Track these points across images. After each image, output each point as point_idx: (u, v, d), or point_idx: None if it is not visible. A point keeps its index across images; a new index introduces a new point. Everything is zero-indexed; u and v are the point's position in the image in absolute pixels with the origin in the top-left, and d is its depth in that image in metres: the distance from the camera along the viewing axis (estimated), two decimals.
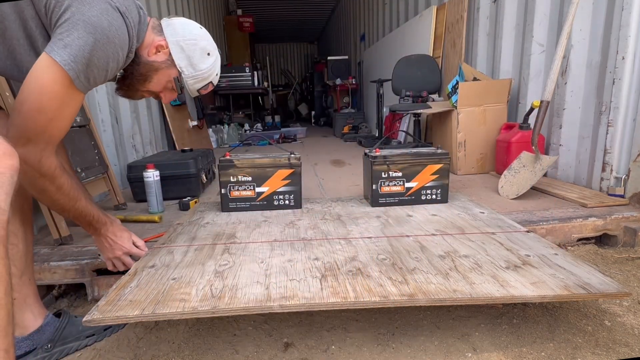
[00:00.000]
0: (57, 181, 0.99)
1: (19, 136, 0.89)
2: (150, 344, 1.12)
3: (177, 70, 1.12)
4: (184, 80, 1.14)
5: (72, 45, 0.86)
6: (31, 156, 0.92)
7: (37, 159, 0.93)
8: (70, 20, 0.86)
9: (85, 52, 0.87)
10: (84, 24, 0.86)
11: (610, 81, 1.93)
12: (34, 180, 0.96)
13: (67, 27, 0.86)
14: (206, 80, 1.18)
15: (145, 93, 1.16)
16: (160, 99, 1.18)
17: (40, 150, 0.93)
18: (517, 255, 1.19)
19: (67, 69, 0.86)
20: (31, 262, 1.10)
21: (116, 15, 0.91)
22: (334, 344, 1.09)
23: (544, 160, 2.02)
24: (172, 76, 1.12)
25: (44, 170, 0.95)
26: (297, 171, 1.77)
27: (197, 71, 1.14)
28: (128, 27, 0.94)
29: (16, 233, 1.04)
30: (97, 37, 0.87)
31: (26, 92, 0.88)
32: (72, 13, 0.86)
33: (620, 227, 1.67)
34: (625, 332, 1.09)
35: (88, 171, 1.86)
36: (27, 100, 0.88)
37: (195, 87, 1.17)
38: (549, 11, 2.36)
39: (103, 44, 0.89)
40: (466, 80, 2.76)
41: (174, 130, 3.66)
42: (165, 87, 1.14)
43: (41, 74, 0.88)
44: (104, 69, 0.92)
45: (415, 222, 1.55)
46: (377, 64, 5.72)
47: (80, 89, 0.92)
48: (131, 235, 1.26)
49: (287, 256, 1.24)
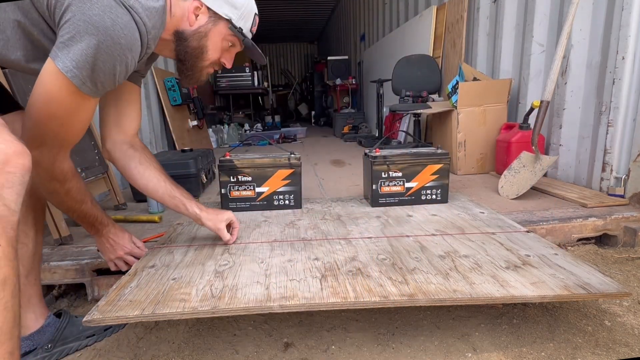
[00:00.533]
0: (67, 185, 0.99)
1: (32, 139, 0.87)
2: (150, 344, 1.12)
3: (224, 21, 1.03)
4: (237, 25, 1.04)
5: (74, 50, 0.79)
6: (45, 159, 0.90)
7: (51, 162, 0.92)
8: (71, 21, 0.79)
9: (88, 56, 0.80)
10: (85, 25, 0.78)
11: (610, 81, 1.93)
12: (45, 183, 0.96)
13: (68, 28, 0.79)
14: (252, 14, 1.08)
15: (209, 67, 1.09)
16: (224, 65, 1.11)
17: (54, 154, 0.92)
18: (517, 255, 1.19)
19: (70, 76, 0.81)
20: (38, 263, 1.10)
21: (121, 11, 0.81)
22: (334, 344, 1.09)
23: (544, 160, 2.02)
24: (223, 32, 1.04)
25: (56, 174, 0.95)
26: (297, 171, 1.77)
27: (240, 9, 1.04)
28: (137, 23, 0.84)
29: (27, 233, 1.04)
30: (101, 39, 0.79)
31: (35, 98, 0.85)
32: (72, 13, 0.79)
33: (620, 227, 1.67)
34: (625, 332, 1.09)
35: (88, 171, 1.86)
36: (36, 106, 0.86)
37: (248, 26, 1.07)
38: (549, 11, 2.36)
39: (107, 46, 0.81)
40: (466, 80, 2.76)
41: (174, 130, 3.66)
42: (222, 48, 1.07)
43: (47, 81, 0.83)
44: (110, 74, 0.85)
45: (415, 222, 1.55)
46: (377, 64, 5.72)
47: (90, 95, 0.87)
48: (131, 237, 1.27)
49: (287, 256, 1.24)
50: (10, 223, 0.64)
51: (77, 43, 0.79)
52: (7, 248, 0.63)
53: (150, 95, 3.50)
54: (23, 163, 0.67)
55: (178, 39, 1.01)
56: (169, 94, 3.78)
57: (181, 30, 1.00)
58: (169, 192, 1.21)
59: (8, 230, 0.63)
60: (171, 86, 3.78)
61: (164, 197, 1.21)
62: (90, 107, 0.92)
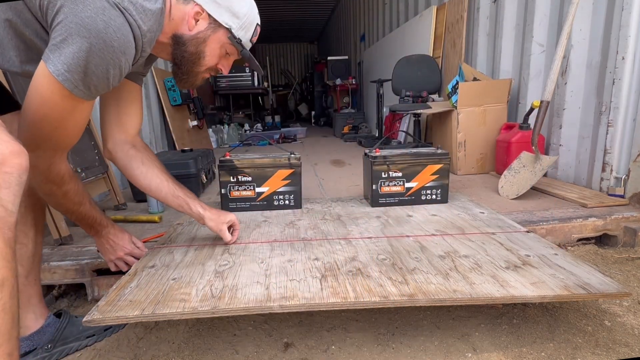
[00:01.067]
0: (64, 187, 0.98)
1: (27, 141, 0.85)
2: (150, 344, 1.12)
3: (224, 29, 1.01)
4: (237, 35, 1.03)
5: (65, 53, 0.77)
6: (40, 162, 0.89)
7: (47, 165, 0.91)
8: (63, 23, 0.77)
9: (80, 59, 0.78)
10: (77, 27, 0.76)
11: (610, 81, 1.93)
12: (41, 185, 0.96)
13: (60, 30, 0.77)
14: (253, 24, 1.06)
15: (205, 73, 1.08)
16: (220, 71, 1.10)
17: (50, 157, 0.91)
18: (517, 255, 1.19)
19: (62, 79, 0.79)
20: (38, 263, 1.10)
21: (114, 13, 0.79)
22: (334, 344, 1.09)
23: (544, 161, 2.02)
24: (222, 40, 1.02)
25: (52, 177, 0.94)
26: (297, 171, 1.77)
27: (241, 18, 1.02)
28: (132, 26, 0.82)
29: (27, 233, 1.04)
30: (93, 42, 0.77)
31: (29, 101, 0.84)
32: (65, 15, 0.77)
33: (620, 227, 1.67)
34: (625, 332, 1.09)
35: (88, 171, 1.86)
36: (30, 109, 0.85)
37: (247, 37, 1.06)
38: (549, 11, 2.36)
39: (100, 49, 0.78)
40: (466, 80, 2.76)
41: (174, 130, 3.66)
42: (220, 55, 1.06)
43: (39, 84, 0.82)
44: (104, 77, 0.83)
45: (415, 222, 1.55)
46: (377, 64, 5.72)
47: (83, 98, 0.85)
48: (131, 237, 1.27)
49: (287, 256, 1.24)
50: (8, 224, 0.63)
51: (69, 46, 0.77)
52: (4, 249, 0.63)
53: (150, 95, 3.50)
54: (20, 163, 0.66)
55: (176, 42, 0.99)
56: (169, 94, 3.78)
57: (180, 35, 0.98)
58: (173, 192, 1.20)
59: (5, 231, 0.63)
60: (171, 86, 3.78)
61: (167, 197, 1.20)
62: (84, 109, 0.90)
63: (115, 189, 2.07)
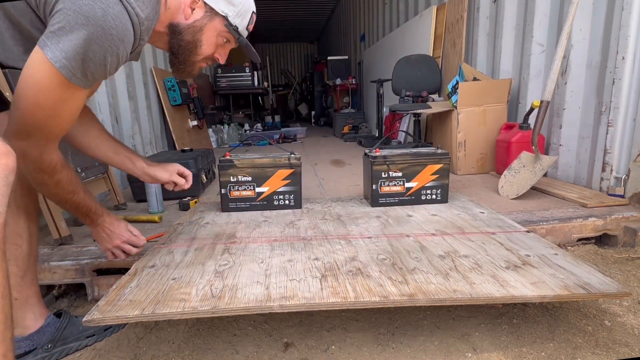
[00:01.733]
0: (56, 176, 0.97)
1: (19, 130, 0.86)
2: (150, 344, 1.12)
3: (220, 17, 1.02)
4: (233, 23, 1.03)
5: (63, 41, 0.78)
6: (32, 150, 0.88)
7: (38, 153, 0.90)
8: (62, 11, 0.78)
9: (78, 47, 0.78)
10: (75, 15, 0.77)
11: (610, 81, 1.93)
12: (33, 174, 0.94)
13: (58, 18, 0.78)
14: (249, 12, 1.06)
15: (202, 62, 1.07)
16: (217, 60, 1.10)
17: (42, 145, 0.90)
18: (517, 255, 1.19)
19: (59, 66, 0.79)
20: (34, 263, 1.09)
21: (112, 1, 0.80)
22: (334, 344, 1.09)
23: (544, 160, 2.02)
24: (219, 28, 1.03)
25: (44, 166, 0.93)
26: (297, 171, 1.77)
27: (237, 6, 1.03)
28: (130, 14, 0.82)
29: (21, 234, 1.02)
30: (91, 30, 0.78)
31: (23, 87, 0.83)
32: (64, 3, 0.78)
33: (620, 227, 1.67)
34: (625, 332, 1.09)
35: (88, 171, 1.86)
36: (23, 95, 0.84)
37: (244, 24, 1.06)
38: (549, 11, 2.36)
39: (98, 37, 0.79)
40: (466, 80, 2.76)
41: (174, 130, 3.66)
42: (217, 43, 1.06)
43: (35, 71, 0.81)
44: (101, 64, 0.83)
45: (415, 222, 1.55)
46: (377, 64, 5.72)
47: (80, 85, 0.85)
48: (127, 225, 1.23)
49: (287, 256, 1.24)
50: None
51: (67, 33, 0.78)
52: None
53: (150, 95, 3.50)
54: (6, 163, 0.65)
55: (172, 31, 0.99)
56: (169, 94, 3.78)
57: (176, 23, 0.98)
58: (113, 148, 1.19)
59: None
60: (171, 86, 3.78)
61: (107, 153, 1.19)
62: (79, 97, 0.90)
63: (115, 188, 2.07)
